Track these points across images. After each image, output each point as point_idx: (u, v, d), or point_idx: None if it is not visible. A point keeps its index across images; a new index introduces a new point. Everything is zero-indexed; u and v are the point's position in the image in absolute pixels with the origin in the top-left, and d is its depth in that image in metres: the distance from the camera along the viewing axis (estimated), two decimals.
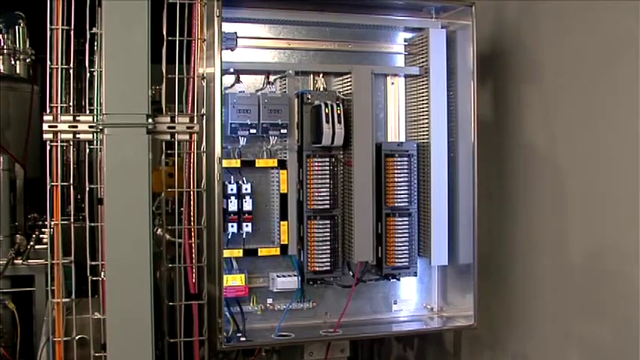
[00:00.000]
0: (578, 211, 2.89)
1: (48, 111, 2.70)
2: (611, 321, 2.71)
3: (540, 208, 3.09)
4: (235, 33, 2.97)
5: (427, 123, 3.17)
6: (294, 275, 3.07)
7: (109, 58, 2.59)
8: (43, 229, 3.98)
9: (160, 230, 3.12)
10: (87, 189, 2.76)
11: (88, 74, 2.87)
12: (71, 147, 2.78)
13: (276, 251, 3.06)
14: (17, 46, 4.43)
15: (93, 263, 2.73)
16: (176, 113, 2.81)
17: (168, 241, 3.00)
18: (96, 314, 2.72)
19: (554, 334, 3.00)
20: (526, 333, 3.16)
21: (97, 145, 2.78)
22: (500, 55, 3.29)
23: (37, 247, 3.86)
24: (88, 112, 2.90)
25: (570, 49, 2.92)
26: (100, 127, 2.60)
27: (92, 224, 2.76)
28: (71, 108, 2.76)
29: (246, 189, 2.99)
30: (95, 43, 2.81)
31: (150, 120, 2.62)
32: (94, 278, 2.72)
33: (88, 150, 2.81)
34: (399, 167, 3.13)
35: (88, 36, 2.76)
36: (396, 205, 3.13)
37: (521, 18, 3.20)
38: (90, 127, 2.71)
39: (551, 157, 3.04)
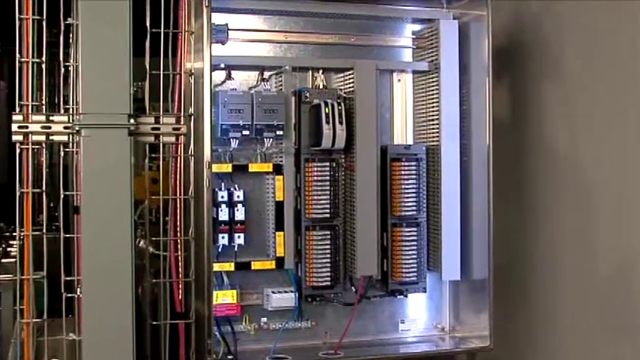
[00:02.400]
0: (603, 219, 2.89)
1: (17, 110, 2.68)
2: None
3: (563, 217, 3.09)
4: (226, 25, 2.95)
5: (437, 124, 3.15)
6: (291, 291, 3.06)
7: (85, 51, 2.56)
8: (11, 241, 3.95)
9: (142, 242, 3.09)
10: (61, 196, 2.73)
11: (62, 69, 2.82)
12: (44, 150, 2.75)
13: (272, 265, 3.04)
14: None
15: (67, 279, 2.70)
16: (161, 113, 2.79)
17: (152, 253, 2.96)
18: (71, 335, 2.69)
19: (580, 355, 3.01)
20: (548, 354, 3.16)
21: (72, 147, 2.75)
22: (519, 48, 3.30)
23: (4, 260, 3.81)
24: (62, 111, 2.83)
25: (596, 43, 2.93)
26: (77, 128, 2.58)
27: (67, 235, 2.72)
28: (44, 107, 2.74)
29: (238, 196, 2.97)
30: (70, 35, 2.77)
31: (132, 120, 2.60)
32: (69, 295, 2.69)
33: (62, 153, 2.77)
34: (406, 172, 3.12)
35: (62, 27, 2.72)
36: (402, 214, 3.12)
37: (542, 8, 3.21)
38: (65, 127, 2.68)
39: (574, 160, 3.05)
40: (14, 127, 2.65)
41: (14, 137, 2.65)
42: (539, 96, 3.19)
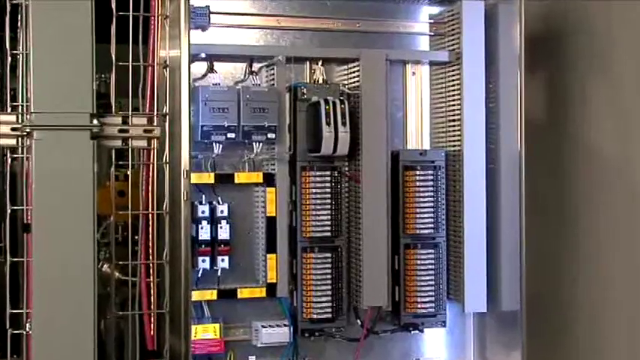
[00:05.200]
0: None
1: None
2: None
3: (610, 236, 3.08)
4: (207, 7, 2.94)
5: (459, 125, 3.15)
6: (285, 325, 3.06)
7: (38, 36, 2.48)
8: None
9: (107, 266, 3.03)
10: (8, 211, 2.66)
11: (8, 58, 2.74)
12: None
13: (262, 293, 3.04)
14: None
15: (14, 312, 2.63)
16: (130, 112, 2.71)
17: (119, 280, 2.89)
18: None
19: None
20: None
21: (22, 153, 2.68)
22: (558, 36, 3.29)
23: None
24: (9, 109, 2.78)
25: None
26: (27, 130, 2.50)
27: (14, 259, 2.65)
28: None
29: (222, 211, 2.98)
30: (19, 17, 2.70)
31: (95, 121, 2.52)
32: (16, 332, 2.63)
33: (9, 160, 2.72)
34: (421, 183, 3.12)
35: (8, 6, 2.65)
36: (418, 232, 3.13)
37: None
38: (12, 129, 2.58)
39: (623, 169, 3.04)
40: None
41: None
42: (582, 93, 3.19)
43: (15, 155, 2.70)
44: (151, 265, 2.80)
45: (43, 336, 2.47)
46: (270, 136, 2.95)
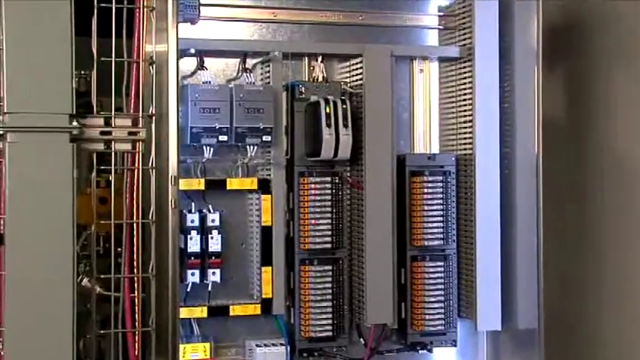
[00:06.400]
0: None
1: None
2: None
3: (638, 248, 3.04)
4: None
5: (470, 126, 3.14)
6: (281, 344, 3.04)
7: (12, 30, 2.48)
8: None
9: (87, 280, 3.00)
10: None
11: None
12: None
13: (256, 309, 3.02)
14: None
15: None
16: (112, 113, 2.72)
17: (100, 295, 2.85)
18: None
19: None
20: None
21: None
22: (579, 29, 3.28)
23: None
24: None
25: None
26: (1, 132, 2.50)
27: None
28: None
29: (213, 220, 2.96)
30: None
31: (75, 122, 2.54)
32: None
33: None
34: (430, 190, 3.10)
35: None
36: (426, 244, 3.11)
37: None
38: None
39: None
40: None
41: None
42: (606, 92, 3.17)
43: None
44: (135, 279, 2.78)
45: (17, 356, 2.44)
46: (266, 138, 2.92)
